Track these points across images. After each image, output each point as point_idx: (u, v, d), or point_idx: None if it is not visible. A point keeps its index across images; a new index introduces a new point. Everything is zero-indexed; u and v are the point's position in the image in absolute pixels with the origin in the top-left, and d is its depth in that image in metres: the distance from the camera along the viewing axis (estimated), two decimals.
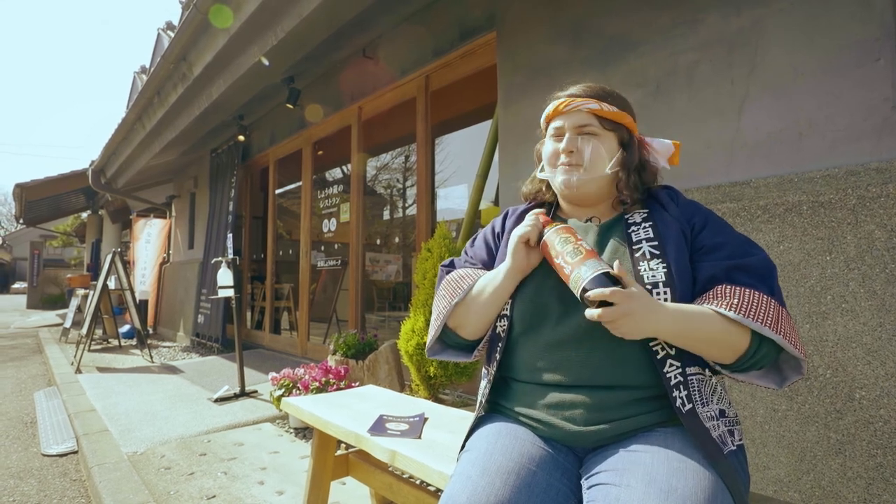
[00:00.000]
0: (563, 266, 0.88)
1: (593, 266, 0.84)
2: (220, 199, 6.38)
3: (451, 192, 4.15)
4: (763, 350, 0.87)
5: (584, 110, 1.01)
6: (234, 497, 2.05)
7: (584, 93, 1.03)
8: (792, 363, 0.91)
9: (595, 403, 0.89)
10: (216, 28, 3.44)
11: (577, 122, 1.02)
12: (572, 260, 0.87)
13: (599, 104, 1.01)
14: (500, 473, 0.83)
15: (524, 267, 0.98)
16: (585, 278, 0.83)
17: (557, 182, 1.04)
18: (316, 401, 1.73)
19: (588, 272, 0.83)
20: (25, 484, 2.39)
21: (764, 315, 0.85)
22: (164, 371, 4.81)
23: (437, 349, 1.13)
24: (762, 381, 0.91)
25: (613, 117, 1.01)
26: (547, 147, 1.07)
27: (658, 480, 0.75)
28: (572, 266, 0.86)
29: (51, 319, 11.01)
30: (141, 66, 10.45)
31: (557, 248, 0.91)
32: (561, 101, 1.04)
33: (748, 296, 0.86)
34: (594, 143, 1.01)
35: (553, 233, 0.94)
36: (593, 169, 1.00)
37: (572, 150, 1.01)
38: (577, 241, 0.90)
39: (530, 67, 2.66)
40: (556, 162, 1.04)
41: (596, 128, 1.01)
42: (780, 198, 1.70)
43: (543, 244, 0.95)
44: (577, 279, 0.85)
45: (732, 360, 0.88)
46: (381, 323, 4.90)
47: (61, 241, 20.74)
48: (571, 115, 1.02)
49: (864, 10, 1.61)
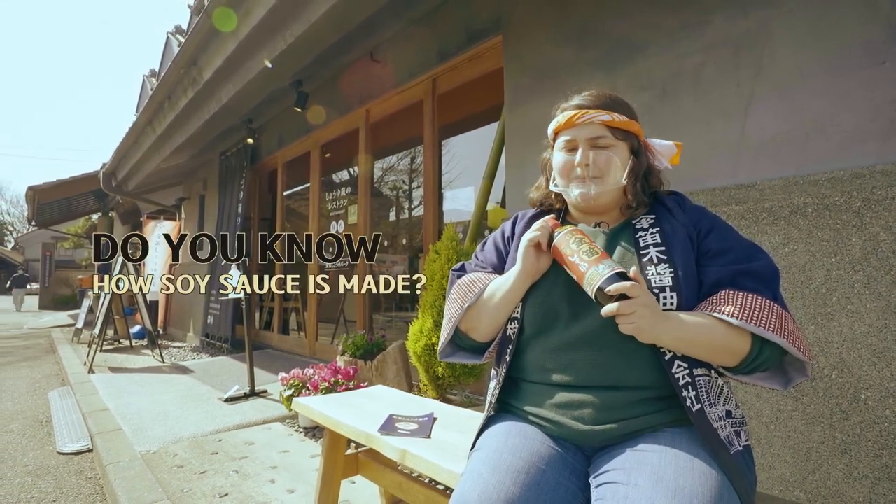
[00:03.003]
0: (579, 264, 0.90)
1: (610, 265, 0.86)
2: (230, 201, 6.44)
3: (458, 194, 4.17)
4: (765, 353, 0.89)
5: (597, 122, 1.01)
6: (246, 495, 2.09)
7: (595, 103, 1.03)
8: (796, 365, 0.93)
9: (603, 403, 0.91)
10: (225, 33, 3.48)
11: (590, 134, 1.01)
12: (589, 258, 0.89)
13: (611, 115, 1.01)
14: (511, 471, 0.85)
15: (534, 271, 1.00)
16: (603, 276, 0.85)
17: (573, 195, 1.04)
18: (326, 401, 1.76)
19: (605, 270, 0.85)
20: (42, 481, 2.44)
21: (767, 319, 0.86)
22: (174, 371, 4.87)
23: (449, 352, 1.15)
24: (767, 382, 0.93)
25: (624, 126, 1.02)
26: (558, 159, 1.07)
27: (665, 479, 0.77)
28: (589, 264, 0.88)
29: (62, 320, 11.16)
30: (150, 70, 10.56)
31: (573, 246, 0.92)
32: (574, 114, 1.03)
33: (751, 301, 0.88)
34: (609, 154, 1.01)
35: (567, 234, 0.95)
36: (610, 180, 1.01)
37: (588, 162, 1.01)
38: (592, 243, 0.92)
39: (537, 70, 2.68)
40: (569, 174, 1.04)
41: (609, 139, 1.01)
42: (785, 200, 1.71)
43: (555, 246, 0.97)
44: (593, 276, 0.86)
45: (734, 364, 0.90)
46: (388, 323, 4.93)
47: (72, 243, 21.01)
48: (584, 127, 1.02)
49: (870, 11, 1.61)
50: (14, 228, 40.87)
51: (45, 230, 17.15)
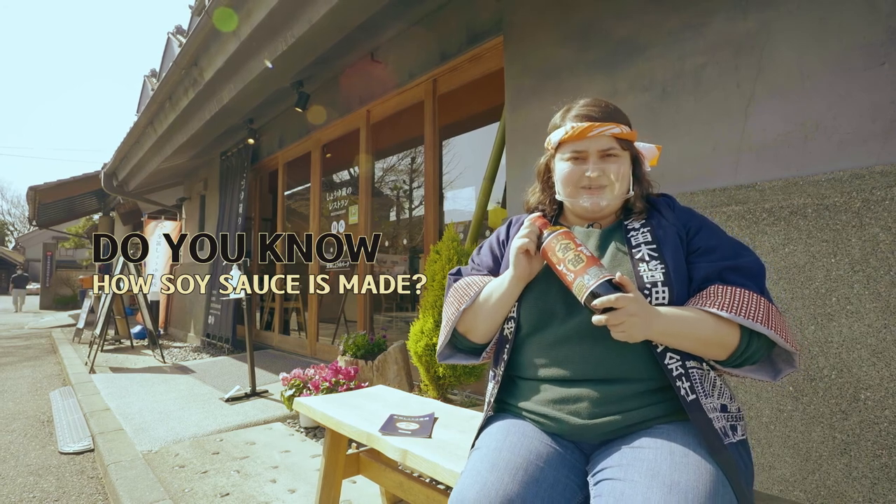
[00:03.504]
0: (566, 273, 0.91)
1: (596, 274, 0.87)
2: (230, 201, 6.45)
3: (459, 194, 4.18)
4: (754, 345, 0.92)
5: (608, 135, 1.03)
6: (248, 495, 2.09)
7: (603, 116, 1.04)
8: (784, 356, 0.96)
9: (599, 397, 0.93)
10: (227, 34, 3.49)
11: (601, 146, 1.03)
12: (574, 268, 0.90)
13: (620, 127, 1.03)
14: (509, 469, 0.86)
15: (526, 275, 1.03)
16: (589, 286, 0.86)
17: (583, 205, 1.05)
18: (328, 401, 1.77)
19: (591, 280, 0.87)
20: (45, 481, 2.45)
21: (755, 312, 0.90)
22: (175, 371, 4.88)
23: (448, 353, 1.18)
24: (756, 374, 0.95)
25: (628, 137, 1.05)
26: (563, 168, 1.07)
27: (661, 475, 0.79)
28: (575, 274, 0.90)
29: (63, 320, 11.17)
30: (151, 70, 10.58)
31: (559, 254, 0.94)
32: (587, 126, 1.02)
33: (739, 295, 0.91)
34: (616, 164, 1.04)
35: (553, 239, 0.96)
36: (620, 189, 1.04)
37: (600, 174, 1.03)
38: (578, 248, 0.93)
39: (538, 70, 2.68)
40: (576, 184, 1.05)
41: (617, 150, 1.04)
42: (785, 201, 1.72)
43: (544, 250, 0.98)
44: (580, 287, 0.88)
45: (724, 357, 0.92)
46: (389, 323, 4.94)
47: (73, 243, 21.03)
48: (595, 140, 1.03)
49: (869, 13, 1.62)
50: (15, 228, 40.95)
51: (46, 230, 17.15)
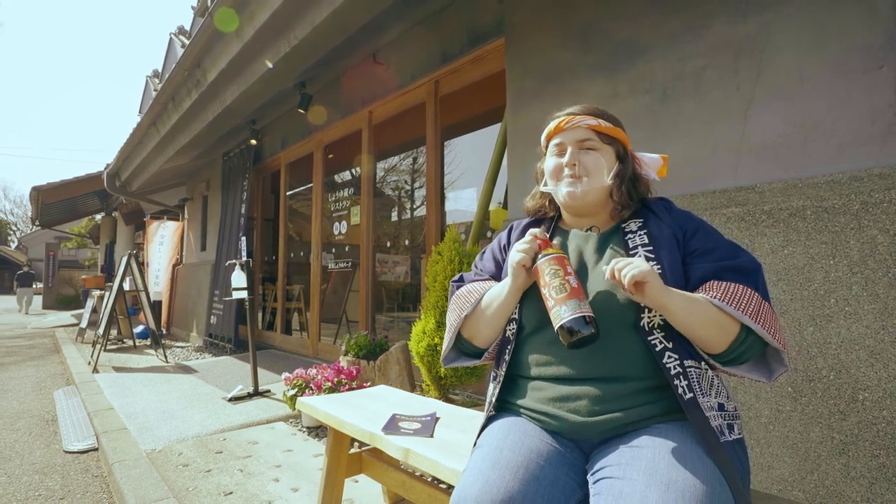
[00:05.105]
0: (548, 299, 0.95)
1: (574, 308, 0.90)
2: (233, 201, 6.47)
3: (460, 195, 4.20)
4: (749, 341, 0.93)
5: (584, 126, 1.10)
6: (251, 493, 2.11)
7: (582, 111, 1.12)
8: (776, 356, 0.97)
9: (598, 395, 0.95)
10: (230, 35, 3.51)
11: (577, 137, 1.10)
12: (556, 296, 0.93)
13: (597, 120, 1.10)
14: (510, 467, 0.88)
15: (525, 285, 1.06)
16: (563, 318, 0.90)
17: (562, 193, 1.11)
18: (330, 400, 1.79)
19: (567, 313, 0.90)
20: (50, 479, 2.47)
21: (746, 305, 0.92)
22: (178, 371, 4.90)
23: (452, 357, 1.21)
24: (751, 373, 0.97)
25: (610, 132, 1.10)
26: (549, 163, 1.14)
27: (659, 473, 0.80)
28: (555, 302, 0.93)
29: (66, 320, 11.20)
30: (153, 71, 10.62)
31: (546, 279, 0.96)
32: (561, 119, 1.12)
33: (733, 289, 0.94)
34: (595, 155, 1.09)
35: (545, 262, 0.99)
36: (595, 179, 1.08)
37: (575, 162, 1.09)
38: (566, 276, 0.95)
39: (539, 72, 2.70)
40: (559, 176, 1.12)
41: (595, 142, 1.10)
42: (784, 203, 1.73)
43: (535, 270, 1.01)
44: (556, 316, 0.92)
45: (724, 347, 0.93)
46: (391, 323, 4.96)
47: (76, 243, 21.10)
48: (572, 131, 1.10)
49: (869, 16, 1.63)
50: (18, 228, 41.08)
51: (49, 230, 17.19)
